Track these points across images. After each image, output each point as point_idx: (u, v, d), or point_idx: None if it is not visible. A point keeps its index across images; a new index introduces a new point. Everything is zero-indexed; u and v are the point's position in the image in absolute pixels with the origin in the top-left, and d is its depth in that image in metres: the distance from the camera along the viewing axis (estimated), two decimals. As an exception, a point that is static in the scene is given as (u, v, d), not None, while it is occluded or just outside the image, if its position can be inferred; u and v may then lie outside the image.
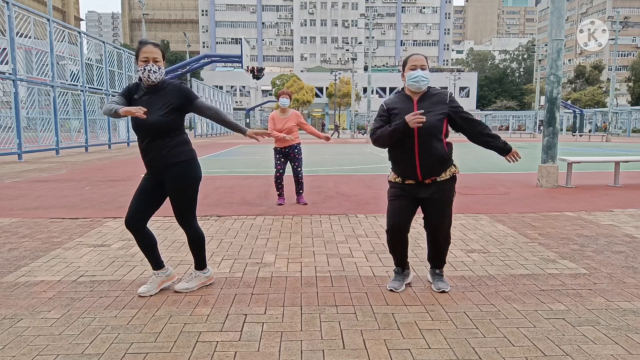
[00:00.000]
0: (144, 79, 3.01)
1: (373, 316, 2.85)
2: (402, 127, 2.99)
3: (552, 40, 8.61)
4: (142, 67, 2.97)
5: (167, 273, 3.31)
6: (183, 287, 3.25)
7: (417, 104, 3.11)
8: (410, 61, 3.14)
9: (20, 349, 2.42)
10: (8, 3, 14.12)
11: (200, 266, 3.34)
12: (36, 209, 6.33)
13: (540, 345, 2.47)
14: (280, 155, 6.57)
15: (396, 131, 3.02)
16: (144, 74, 2.98)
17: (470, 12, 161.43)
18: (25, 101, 16.73)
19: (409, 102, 3.13)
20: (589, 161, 9.83)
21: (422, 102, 3.11)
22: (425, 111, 3.02)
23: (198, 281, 3.32)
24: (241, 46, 22.70)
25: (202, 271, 3.34)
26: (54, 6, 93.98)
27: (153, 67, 2.97)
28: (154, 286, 3.22)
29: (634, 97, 58.94)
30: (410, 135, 3.02)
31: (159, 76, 3.02)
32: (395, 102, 3.18)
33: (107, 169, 11.99)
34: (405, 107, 3.11)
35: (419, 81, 3.07)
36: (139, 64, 2.99)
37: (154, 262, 3.27)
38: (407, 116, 2.97)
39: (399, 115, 3.07)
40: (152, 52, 2.99)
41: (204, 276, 3.35)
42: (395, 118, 3.09)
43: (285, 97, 6.47)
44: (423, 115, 2.97)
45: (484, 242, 4.58)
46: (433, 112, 3.06)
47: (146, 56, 2.97)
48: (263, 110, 66.46)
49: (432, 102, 3.12)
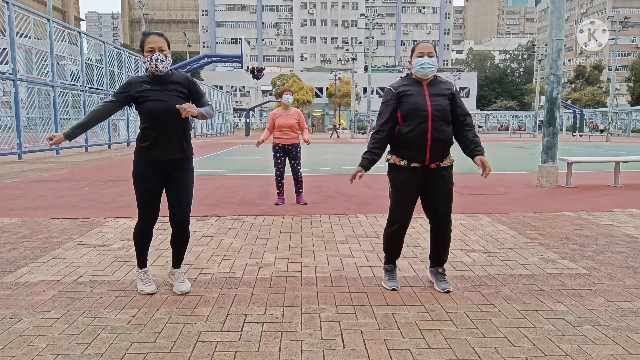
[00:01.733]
0: (152, 69, 2.98)
1: (373, 316, 2.85)
2: (370, 157, 3.19)
3: (552, 40, 8.61)
4: (148, 57, 2.94)
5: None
6: (186, 288, 3.25)
7: (427, 88, 3.17)
8: (418, 48, 3.19)
9: (20, 349, 2.42)
10: (8, 3, 14.11)
11: (180, 264, 3.37)
12: (36, 209, 6.33)
13: (540, 345, 2.47)
14: (280, 153, 6.58)
15: (371, 161, 3.21)
16: (151, 64, 2.95)
17: (470, 12, 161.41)
18: (25, 101, 16.74)
19: (420, 85, 3.18)
20: (589, 161, 9.82)
21: (431, 87, 3.18)
22: (434, 94, 3.13)
23: (186, 278, 3.38)
24: (241, 46, 22.67)
25: (181, 269, 3.40)
26: (54, 6, 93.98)
27: (159, 55, 2.94)
28: (151, 281, 3.29)
29: (634, 97, 58.94)
30: (424, 118, 3.07)
31: (167, 65, 2.99)
32: (405, 84, 3.21)
33: (107, 169, 11.99)
34: (416, 89, 3.16)
35: (425, 67, 3.12)
36: (145, 55, 2.96)
37: (145, 257, 3.28)
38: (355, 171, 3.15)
39: (411, 97, 3.12)
40: (157, 41, 2.97)
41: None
42: (408, 98, 3.12)
43: (289, 93, 6.57)
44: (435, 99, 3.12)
45: (484, 242, 4.58)
46: (444, 97, 3.15)
47: (151, 46, 2.94)
48: (263, 110, 66.41)
49: (441, 87, 3.20)
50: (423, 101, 3.09)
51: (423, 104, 3.08)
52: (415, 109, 3.08)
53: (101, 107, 3.04)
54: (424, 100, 3.10)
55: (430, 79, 3.21)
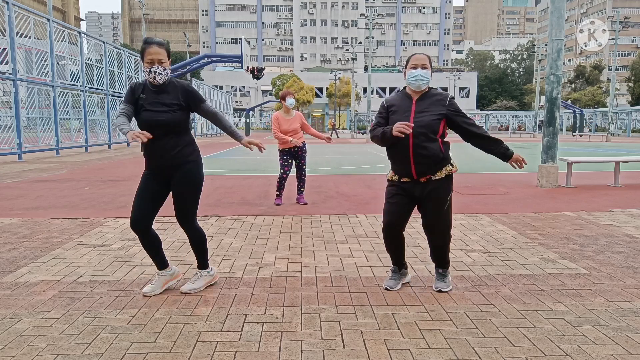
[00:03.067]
0: (150, 80, 3.05)
1: (373, 316, 2.85)
2: (389, 133, 3.05)
3: (552, 40, 8.61)
4: (147, 68, 3.01)
5: (171, 272, 3.33)
6: (189, 288, 3.24)
7: (415, 103, 3.14)
8: (412, 60, 3.18)
9: (20, 349, 2.42)
10: (8, 3, 14.12)
11: (204, 265, 3.35)
12: (36, 209, 6.33)
13: (540, 345, 2.47)
14: (288, 156, 6.57)
15: (384, 135, 3.10)
16: (149, 75, 3.02)
17: (470, 12, 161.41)
18: (25, 101, 16.73)
19: (408, 100, 3.18)
20: (589, 161, 9.83)
21: (420, 102, 3.15)
22: (421, 110, 3.09)
23: (204, 281, 3.32)
24: (241, 46, 22.68)
25: (207, 270, 3.36)
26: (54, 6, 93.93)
27: (158, 68, 3.01)
28: (158, 285, 3.23)
29: (634, 97, 58.94)
30: (405, 134, 3.04)
31: (164, 77, 3.05)
32: (395, 99, 3.25)
33: (107, 169, 11.99)
34: (403, 105, 3.17)
35: (418, 80, 3.11)
36: (144, 65, 3.02)
37: (159, 262, 3.27)
38: (396, 124, 3.00)
39: (397, 112, 3.15)
40: (157, 53, 3.00)
41: (208, 275, 3.36)
42: (393, 115, 3.16)
43: (292, 97, 6.52)
44: (419, 116, 3.06)
45: (484, 242, 4.58)
46: (429, 113, 3.10)
47: (151, 58, 2.99)
48: (263, 110, 66.43)
49: (431, 102, 3.14)
50: (406, 118, 3.08)
51: (405, 120, 3.04)
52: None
53: (124, 111, 3.09)
54: (407, 116, 3.09)
55: (424, 91, 3.17)
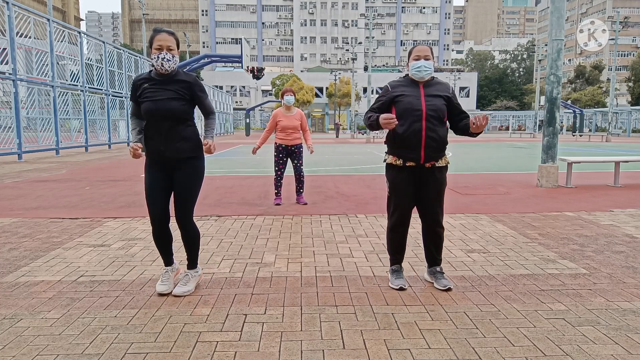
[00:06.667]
0: (157, 67, 2.99)
1: (373, 316, 2.85)
2: (375, 122, 3.16)
3: (552, 40, 8.61)
4: (155, 55, 2.95)
5: (176, 268, 3.37)
6: (183, 290, 3.21)
7: (423, 89, 3.23)
8: (415, 51, 3.26)
9: (20, 349, 2.42)
10: (8, 3, 14.12)
11: (194, 265, 3.35)
12: (36, 209, 6.33)
13: (540, 345, 2.47)
14: (283, 154, 6.57)
15: (377, 122, 3.18)
16: (157, 62, 2.96)
17: (470, 12, 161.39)
18: (25, 101, 16.72)
19: (416, 86, 3.25)
20: (589, 161, 9.82)
21: (427, 88, 3.25)
22: (430, 94, 3.21)
23: (194, 281, 3.32)
24: (241, 46, 22.67)
25: (195, 270, 3.36)
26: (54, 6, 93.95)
27: (167, 55, 2.95)
28: (170, 282, 3.25)
29: (634, 97, 58.90)
30: (418, 117, 3.13)
31: (173, 65, 3.00)
32: (402, 84, 3.29)
33: (107, 169, 11.99)
34: (412, 90, 3.23)
35: (422, 71, 3.20)
36: (152, 52, 2.97)
37: (168, 257, 3.29)
38: (381, 116, 3.09)
39: (406, 97, 3.20)
40: (166, 40, 2.97)
41: (197, 275, 3.36)
42: (402, 99, 3.21)
43: (291, 94, 6.51)
44: (429, 99, 3.18)
45: (484, 242, 4.58)
46: (438, 97, 3.22)
47: (160, 44, 2.95)
48: (263, 110, 66.39)
49: (437, 88, 3.26)
50: (418, 101, 3.18)
51: (417, 104, 3.17)
52: (410, 109, 3.16)
53: (133, 111, 3.13)
54: (418, 100, 3.18)
55: (427, 80, 3.27)
